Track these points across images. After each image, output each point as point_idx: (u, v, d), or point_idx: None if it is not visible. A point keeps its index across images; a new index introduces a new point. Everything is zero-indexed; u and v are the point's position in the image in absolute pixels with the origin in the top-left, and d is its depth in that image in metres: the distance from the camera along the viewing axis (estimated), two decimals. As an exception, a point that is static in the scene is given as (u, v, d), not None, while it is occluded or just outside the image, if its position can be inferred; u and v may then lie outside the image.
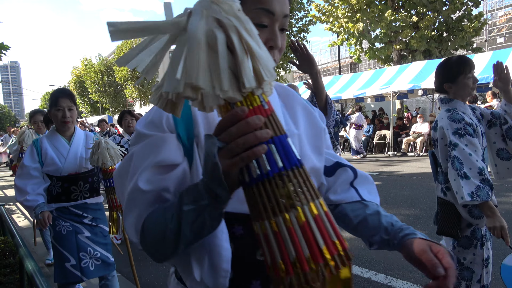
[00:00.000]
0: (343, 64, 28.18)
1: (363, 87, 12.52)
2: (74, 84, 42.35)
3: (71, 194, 2.34)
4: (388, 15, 14.37)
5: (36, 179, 2.27)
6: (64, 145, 2.36)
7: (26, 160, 2.29)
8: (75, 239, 2.29)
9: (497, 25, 21.15)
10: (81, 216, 2.37)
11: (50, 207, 2.31)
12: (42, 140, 2.35)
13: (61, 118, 2.28)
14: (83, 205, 2.39)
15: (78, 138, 2.44)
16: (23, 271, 2.06)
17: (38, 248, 4.49)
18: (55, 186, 2.32)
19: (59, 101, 2.26)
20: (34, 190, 2.23)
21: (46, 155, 2.29)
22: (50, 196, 2.33)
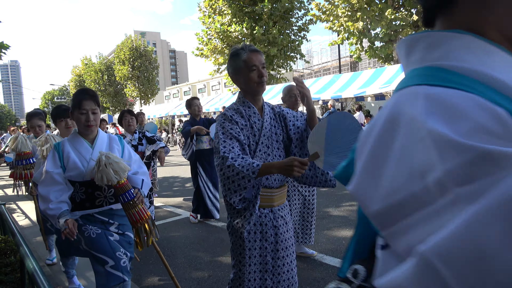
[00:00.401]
0: (343, 63, 28.15)
1: (363, 86, 12.53)
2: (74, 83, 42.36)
3: (95, 200, 2.20)
4: (389, 14, 14.35)
5: (59, 185, 2.12)
6: (87, 149, 2.22)
7: (48, 165, 2.14)
8: (107, 240, 2.15)
9: (498, 23, 21.10)
10: (107, 223, 2.23)
11: (74, 215, 2.16)
12: (64, 144, 2.21)
13: (85, 122, 2.15)
14: (108, 211, 2.25)
15: (101, 140, 2.29)
16: (24, 270, 2.06)
17: (39, 247, 4.49)
18: (79, 192, 2.17)
19: (83, 103, 2.12)
20: (57, 198, 2.07)
21: (68, 159, 2.15)
22: (73, 203, 2.19)
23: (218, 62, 20.12)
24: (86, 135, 2.25)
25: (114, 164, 2.07)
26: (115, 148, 2.30)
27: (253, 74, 1.80)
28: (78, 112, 2.14)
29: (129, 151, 2.40)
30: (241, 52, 1.82)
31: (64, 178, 2.15)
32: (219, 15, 19.34)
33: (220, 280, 3.19)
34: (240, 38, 18.98)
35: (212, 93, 38.57)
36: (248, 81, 1.82)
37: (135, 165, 2.38)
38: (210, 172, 4.95)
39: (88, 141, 2.25)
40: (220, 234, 4.46)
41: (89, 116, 2.15)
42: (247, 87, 1.86)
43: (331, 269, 3.24)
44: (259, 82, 1.82)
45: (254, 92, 1.87)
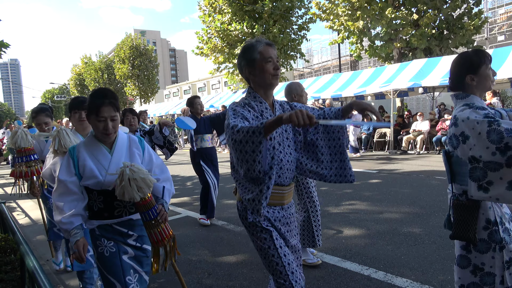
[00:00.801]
0: (343, 62, 28.12)
1: (364, 85, 12.52)
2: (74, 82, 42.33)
3: (114, 210, 2.00)
4: (389, 13, 14.33)
5: (73, 195, 1.94)
6: (105, 154, 2.01)
7: (62, 173, 1.95)
8: (119, 261, 1.99)
9: (498, 23, 21.09)
10: (125, 235, 2.04)
11: (91, 224, 2.02)
12: (79, 149, 2.00)
13: (103, 131, 1.94)
14: (128, 221, 2.06)
15: (120, 145, 2.06)
16: (24, 269, 2.07)
17: (39, 245, 4.50)
18: (96, 201, 1.99)
19: (101, 110, 1.90)
20: (71, 209, 1.91)
21: (84, 167, 1.94)
22: (91, 211, 2.02)
23: (218, 61, 20.10)
24: (104, 140, 2.04)
25: (139, 180, 1.83)
26: (135, 153, 2.09)
27: (269, 66, 1.77)
28: (95, 119, 1.92)
29: (149, 155, 2.15)
30: (257, 44, 1.79)
31: (80, 187, 1.97)
32: (219, 13, 19.31)
33: (220, 278, 3.19)
34: (240, 37, 18.95)
35: (212, 92, 38.57)
36: (263, 72, 1.78)
37: (157, 170, 2.16)
38: (213, 170, 4.95)
39: (106, 145, 2.04)
40: (220, 233, 4.47)
41: (107, 125, 1.92)
42: (261, 80, 1.80)
43: (331, 267, 3.25)
44: (274, 75, 1.79)
45: (268, 85, 1.82)
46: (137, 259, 2.06)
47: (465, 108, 1.79)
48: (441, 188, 6.02)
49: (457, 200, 1.88)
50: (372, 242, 3.78)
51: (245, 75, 1.86)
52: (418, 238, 3.80)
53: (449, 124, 1.88)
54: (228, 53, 19.58)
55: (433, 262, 3.20)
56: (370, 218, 4.60)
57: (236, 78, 20.79)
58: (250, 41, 1.83)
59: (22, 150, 3.43)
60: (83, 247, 1.88)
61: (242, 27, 18.36)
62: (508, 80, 10.29)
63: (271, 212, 1.82)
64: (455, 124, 1.80)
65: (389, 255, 3.42)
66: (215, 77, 38.74)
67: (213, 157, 4.96)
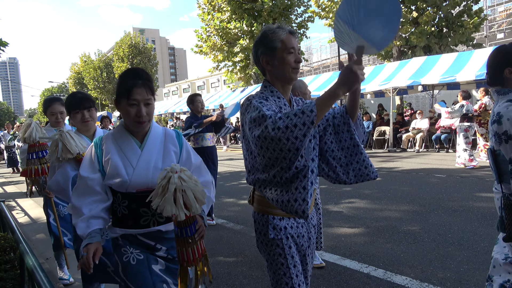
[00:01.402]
0: (343, 60, 28.08)
1: (363, 83, 12.42)
2: (73, 81, 42.28)
3: (140, 218, 1.65)
4: (388, 10, 14.29)
5: (95, 195, 1.63)
6: (134, 149, 1.67)
7: (84, 168, 1.66)
8: (148, 271, 1.64)
9: (497, 20, 21.08)
10: (153, 249, 1.70)
11: (114, 232, 1.70)
12: (106, 140, 1.69)
13: (135, 117, 1.61)
14: (155, 233, 1.70)
15: (153, 139, 1.72)
16: (23, 267, 2.06)
17: (38, 244, 4.50)
18: (121, 205, 1.67)
19: (133, 92, 1.58)
20: (91, 211, 1.60)
21: (108, 162, 1.63)
22: (115, 217, 1.70)
23: (217, 59, 20.08)
24: (135, 132, 1.70)
25: (189, 193, 1.45)
26: (171, 150, 1.74)
27: (290, 58, 1.56)
28: (126, 103, 1.60)
29: (188, 153, 1.80)
30: (279, 31, 1.56)
31: (104, 186, 1.66)
32: (218, 12, 19.28)
33: (219, 277, 3.19)
34: (239, 35, 18.94)
35: (211, 90, 38.54)
36: (284, 64, 1.56)
37: (195, 172, 1.78)
38: (212, 170, 4.90)
39: (136, 138, 1.70)
40: (220, 231, 4.47)
41: (141, 110, 1.60)
42: (280, 72, 1.58)
43: (330, 265, 3.25)
44: (295, 68, 1.58)
45: (287, 79, 1.60)
46: (170, 271, 1.72)
47: (510, 104, 1.68)
48: (440, 186, 6.03)
49: (508, 200, 1.74)
50: (372, 240, 3.79)
51: (261, 65, 1.63)
52: (418, 236, 3.81)
53: (491, 121, 1.80)
54: (227, 52, 19.57)
55: (432, 260, 3.21)
56: (370, 216, 4.61)
57: (235, 76, 20.78)
58: (270, 27, 1.60)
59: (36, 144, 3.04)
60: (95, 252, 1.49)
61: (241, 25, 18.33)
62: (507, 78, 10.29)
63: (295, 227, 1.60)
64: (498, 121, 1.70)
65: (388, 253, 3.42)
66: (214, 76, 38.68)
67: (214, 156, 4.95)
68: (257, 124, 1.38)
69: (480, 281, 2.78)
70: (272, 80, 1.63)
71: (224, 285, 3.05)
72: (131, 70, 1.66)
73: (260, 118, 1.37)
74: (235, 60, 19.64)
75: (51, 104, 3.09)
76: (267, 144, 1.31)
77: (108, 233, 1.71)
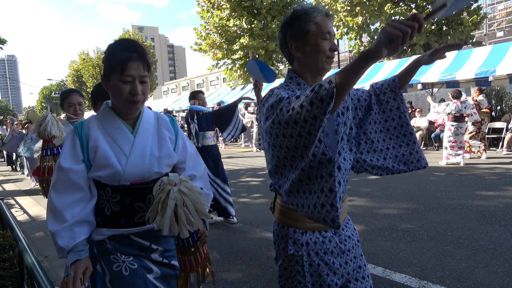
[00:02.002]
0: (342, 58, 28.08)
1: (362, 81, 12.49)
2: (72, 78, 42.15)
3: (134, 215, 1.44)
4: (388, 8, 14.30)
5: (79, 192, 1.37)
6: (126, 134, 1.43)
7: (64, 158, 1.37)
8: (144, 282, 1.42)
9: (497, 19, 21.07)
10: (147, 250, 1.48)
11: (100, 233, 1.43)
12: (89, 125, 1.43)
13: (128, 96, 1.36)
14: (151, 232, 1.49)
15: (146, 123, 1.48)
16: (22, 265, 2.06)
17: (37, 242, 4.49)
18: (110, 201, 1.42)
19: (129, 66, 1.34)
20: (74, 215, 1.33)
21: (96, 151, 1.38)
22: (101, 216, 1.43)
23: (216, 57, 20.05)
24: (125, 114, 1.45)
25: (190, 208, 1.30)
26: (166, 136, 1.51)
27: (325, 44, 1.30)
28: (119, 79, 1.34)
29: (183, 141, 1.59)
30: (313, 11, 1.33)
31: (88, 179, 1.40)
32: (217, 9, 19.24)
33: (218, 274, 3.19)
34: (238, 33, 18.91)
35: (210, 88, 38.50)
36: (317, 52, 1.30)
37: (191, 162, 1.61)
38: (215, 168, 4.68)
39: (127, 123, 1.46)
40: (219, 228, 4.47)
41: (136, 87, 1.35)
42: (312, 61, 1.33)
43: (330, 263, 3.26)
44: (330, 57, 1.33)
45: (319, 68, 1.34)
46: (165, 279, 1.51)
47: None
48: (439, 184, 6.04)
49: None
50: (371, 238, 3.79)
51: (287, 51, 1.38)
52: (417, 234, 3.81)
53: None
54: (226, 49, 19.53)
55: (431, 258, 3.21)
56: (369, 214, 4.61)
57: (234, 74, 20.75)
58: (303, 6, 1.37)
59: (52, 140, 2.74)
60: (84, 271, 1.26)
61: (240, 23, 18.30)
62: (507, 76, 10.29)
63: (320, 243, 1.32)
64: None
65: (387, 251, 3.43)
66: (214, 73, 38.65)
67: (216, 155, 4.73)
68: (274, 110, 1.17)
69: (479, 279, 2.78)
70: (301, 70, 1.38)
71: (224, 282, 3.05)
72: (124, 40, 1.41)
73: (277, 102, 1.17)
74: (235, 58, 19.61)
75: (68, 95, 2.86)
76: (282, 130, 1.12)
77: (91, 236, 1.41)
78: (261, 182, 7.34)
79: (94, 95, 2.19)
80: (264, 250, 3.68)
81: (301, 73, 1.38)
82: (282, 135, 1.13)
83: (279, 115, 1.13)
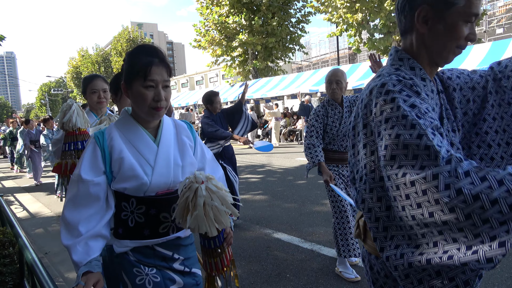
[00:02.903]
0: (341, 55, 28.05)
1: (362, 78, 12.51)
2: (71, 75, 42.10)
3: (159, 225, 1.40)
4: (387, 5, 14.26)
5: (97, 206, 1.32)
6: (150, 144, 1.39)
7: (84, 170, 1.31)
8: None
9: (497, 15, 21.04)
10: (170, 260, 1.45)
11: (123, 245, 1.39)
12: (111, 135, 1.37)
13: (152, 102, 1.32)
14: (174, 241, 1.47)
15: (167, 131, 1.45)
16: (22, 261, 2.07)
17: (37, 238, 4.50)
18: (135, 212, 1.37)
19: (152, 72, 1.31)
20: (89, 229, 1.29)
21: (121, 162, 1.33)
22: (124, 227, 1.38)
23: (216, 53, 20.01)
24: (147, 122, 1.41)
25: (219, 206, 1.26)
26: (186, 144, 1.48)
27: (465, 29, 1.00)
28: (141, 85, 1.31)
29: (201, 148, 1.57)
30: None
31: (107, 191, 1.36)
32: (217, 6, 19.18)
33: (218, 271, 3.21)
34: (238, 30, 18.86)
35: (210, 85, 38.44)
36: (451, 34, 1.00)
37: (209, 168, 1.58)
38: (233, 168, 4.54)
39: (148, 131, 1.42)
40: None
41: (160, 92, 1.32)
42: (439, 44, 1.02)
43: (329, 260, 3.27)
44: (461, 47, 1.03)
45: (442, 57, 1.04)
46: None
47: None
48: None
49: None
50: (370, 235, 3.80)
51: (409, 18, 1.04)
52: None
53: None
54: (226, 46, 19.49)
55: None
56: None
57: (233, 71, 20.72)
58: None
59: (76, 132, 2.43)
60: (95, 284, 1.22)
61: (240, 20, 18.24)
62: (506, 73, 10.31)
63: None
64: None
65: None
66: (213, 70, 38.57)
67: (232, 155, 4.58)
68: (411, 158, 0.85)
69: (477, 275, 2.80)
70: (417, 50, 1.05)
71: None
72: (145, 46, 1.38)
73: (421, 150, 0.84)
74: (234, 55, 19.58)
75: (92, 80, 2.61)
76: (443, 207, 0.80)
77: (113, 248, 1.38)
78: (261, 179, 7.34)
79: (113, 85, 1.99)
80: (263, 246, 3.69)
81: (416, 54, 1.06)
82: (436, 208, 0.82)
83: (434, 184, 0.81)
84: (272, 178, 7.36)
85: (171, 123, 1.50)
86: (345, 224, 2.95)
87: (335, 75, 2.96)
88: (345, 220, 2.95)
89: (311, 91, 13.71)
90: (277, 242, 3.81)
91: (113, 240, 1.39)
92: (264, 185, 6.64)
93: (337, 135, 3.00)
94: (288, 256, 3.42)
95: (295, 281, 2.93)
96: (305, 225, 4.30)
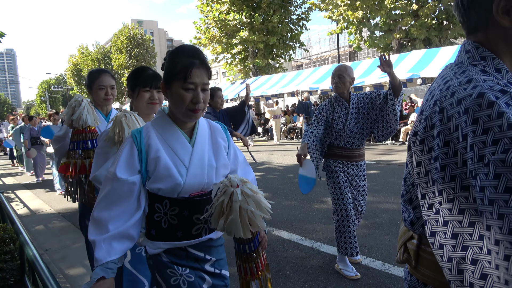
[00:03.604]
0: (342, 52, 28.00)
1: (362, 76, 12.48)
2: (71, 72, 42.03)
3: (192, 227, 1.39)
4: (388, 3, 14.23)
5: (129, 204, 1.31)
6: (185, 145, 1.39)
7: (120, 168, 1.30)
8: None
9: (498, 13, 21.03)
10: (202, 261, 1.46)
11: (156, 247, 1.39)
12: (148, 134, 1.37)
13: (191, 104, 1.31)
14: (206, 243, 1.47)
15: (202, 132, 1.45)
16: (23, 258, 2.07)
17: (37, 235, 4.51)
18: (168, 214, 1.37)
19: (193, 73, 1.30)
20: (117, 227, 1.28)
21: (157, 161, 1.32)
22: (157, 229, 1.38)
23: (216, 51, 19.97)
24: (183, 122, 1.40)
25: (255, 210, 1.23)
26: (221, 145, 1.48)
27: None
28: (180, 87, 1.30)
29: (234, 150, 1.57)
30: None
31: (140, 191, 1.34)
32: (217, 3, 19.13)
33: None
34: (238, 27, 18.82)
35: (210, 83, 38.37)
36: None
37: (241, 171, 1.59)
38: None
39: (184, 132, 1.41)
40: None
41: (198, 95, 1.31)
42: None
43: (329, 257, 3.28)
44: None
45: None
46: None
47: None
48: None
49: None
50: (370, 232, 3.81)
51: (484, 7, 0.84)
52: (415, 228, 3.83)
53: None
54: (226, 44, 19.46)
55: (430, 252, 3.23)
56: (368, 209, 4.63)
57: (234, 69, 20.69)
58: None
59: (83, 130, 2.25)
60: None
61: (240, 17, 18.21)
62: (507, 71, 10.30)
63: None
64: None
65: (386, 245, 3.45)
66: (213, 68, 38.53)
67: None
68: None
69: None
70: (498, 47, 0.86)
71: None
72: (187, 47, 1.37)
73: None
74: (234, 52, 19.55)
75: (99, 75, 2.45)
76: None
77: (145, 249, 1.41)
78: (261, 176, 7.35)
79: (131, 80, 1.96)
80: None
81: (497, 52, 0.86)
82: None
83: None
84: (272, 176, 7.37)
85: (206, 125, 1.50)
86: (347, 222, 2.94)
87: (338, 70, 3.00)
88: (346, 218, 2.95)
89: (311, 88, 13.68)
90: (277, 239, 3.82)
91: (146, 241, 1.40)
92: (264, 183, 6.64)
93: (344, 131, 3.00)
94: (288, 254, 3.43)
95: (295, 278, 2.94)
96: (305, 222, 4.30)
